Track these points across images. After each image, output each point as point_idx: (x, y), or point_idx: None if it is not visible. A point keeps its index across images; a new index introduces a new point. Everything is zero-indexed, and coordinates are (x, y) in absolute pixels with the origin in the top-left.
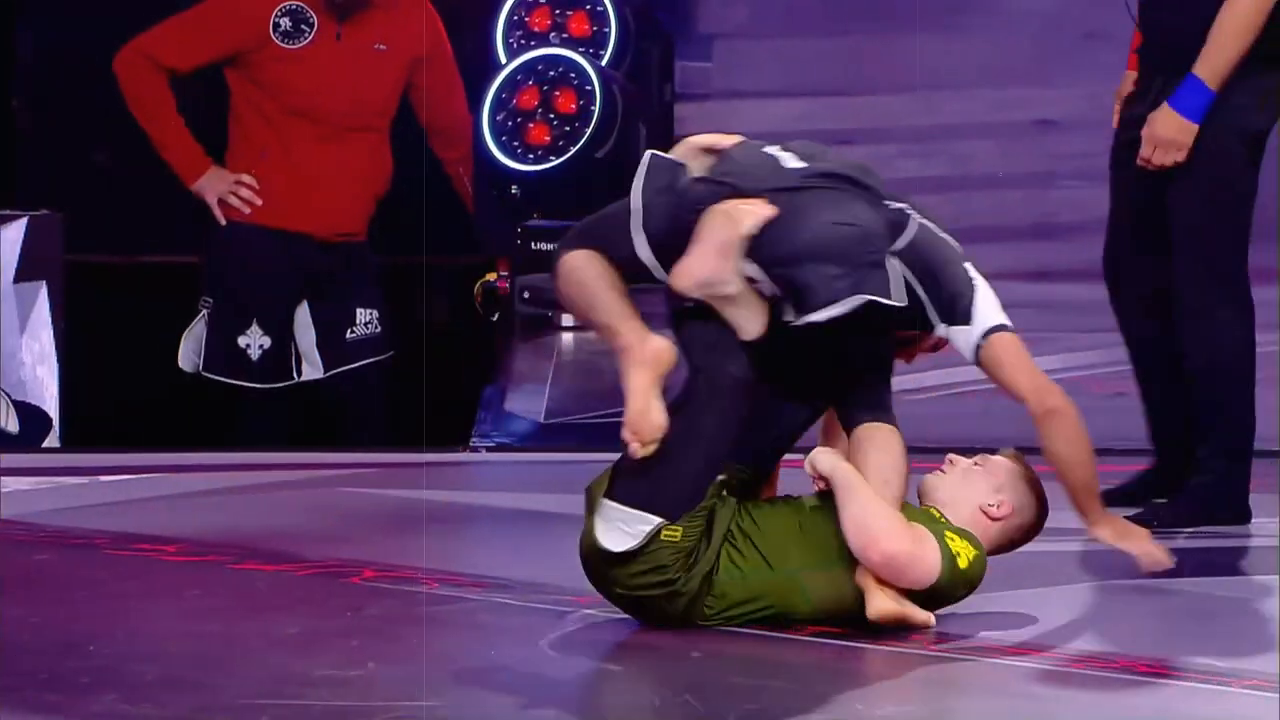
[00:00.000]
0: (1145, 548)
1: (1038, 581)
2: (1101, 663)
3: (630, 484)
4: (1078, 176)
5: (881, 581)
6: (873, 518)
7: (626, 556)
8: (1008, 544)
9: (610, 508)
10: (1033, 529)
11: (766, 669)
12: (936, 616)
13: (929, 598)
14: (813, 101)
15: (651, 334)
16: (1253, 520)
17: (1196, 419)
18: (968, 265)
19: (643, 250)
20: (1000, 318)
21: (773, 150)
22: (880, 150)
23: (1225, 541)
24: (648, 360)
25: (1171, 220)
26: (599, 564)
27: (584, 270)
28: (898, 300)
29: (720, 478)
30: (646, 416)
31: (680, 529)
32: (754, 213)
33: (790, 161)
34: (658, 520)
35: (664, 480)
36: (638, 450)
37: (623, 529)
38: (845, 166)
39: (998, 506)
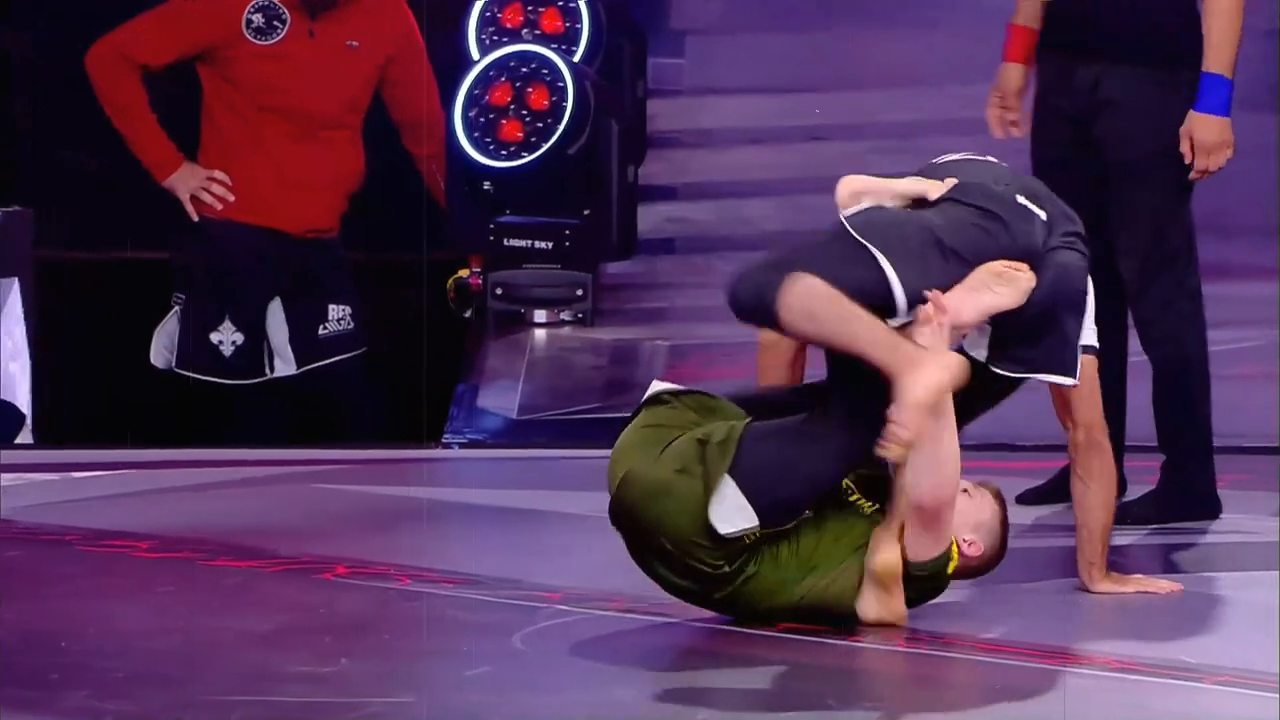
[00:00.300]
0: (1155, 585)
1: (1010, 577)
2: (1075, 658)
3: (759, 479)
4: None
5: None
6: (953, 463)
7: (714, 535)
8: (958, 576)
9: (731, 488)
10: (982, 571)
11: (739, 665)
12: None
13: (910, 585)
14: (786, 98)
15: (944, 351)
16: (1223, 514)
17: (1166, 416)
18: None
19: (900, 296)
20: (1092, 337)
21: (1022, 199)
22: (853, 147)
23: (1199, 538)
24: (952, 369)
25: (1128, 221)
26: (662, 508)
27: (830, 290)
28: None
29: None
30: (917, 422)
31: (756, 535)
32: (1029, 287)
33: (1035, 209)
34: (756, 524)
35: (786, 495)
36: (894, 449)
37: (730, 515)
38: (1075, 220)
39: (969, 545)
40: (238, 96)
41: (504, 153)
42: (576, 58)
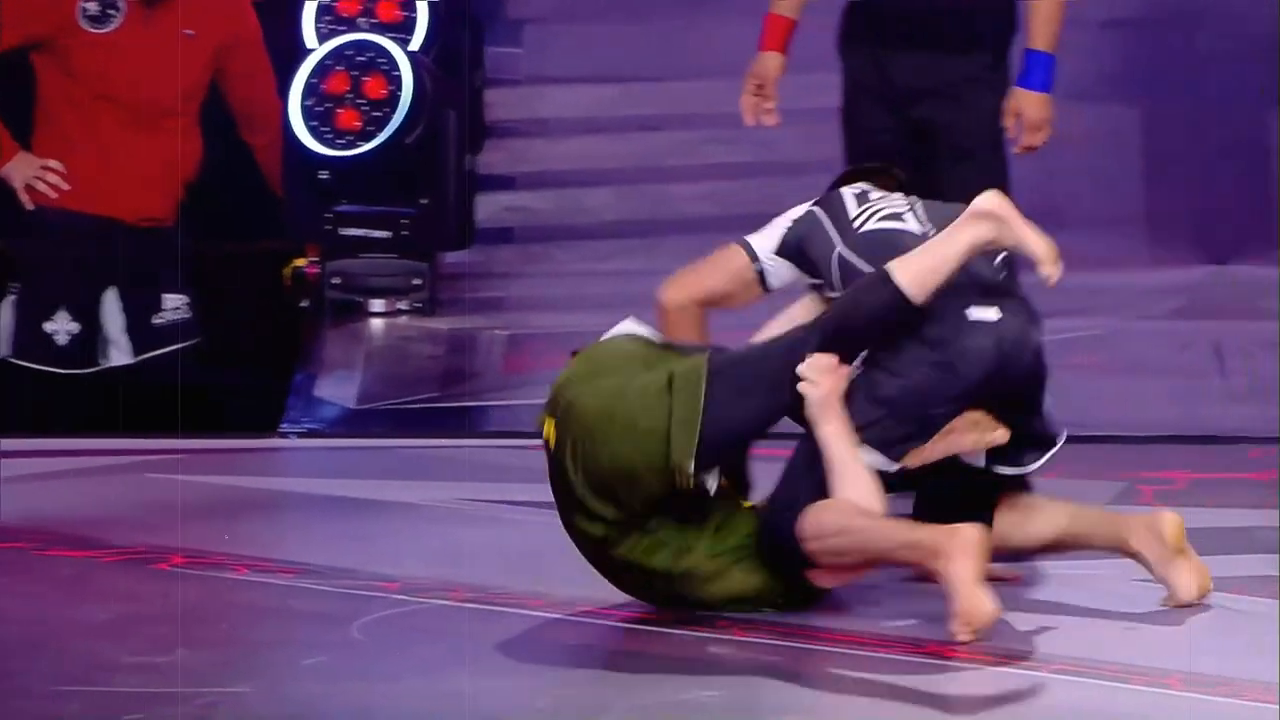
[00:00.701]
0: (993, 572)
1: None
2: (916, 648)
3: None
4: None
5: None
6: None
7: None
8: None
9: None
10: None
11: (578, 654)
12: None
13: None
14: (621, 87)
15: (954, 526)
16: None
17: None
18: None
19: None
20: None
21: (974, 312)
22: (687, 136)
23: None
24: (967, 551)
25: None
26: (612, 433)
27: (834, 519)
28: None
29: None
30: (977, 607)
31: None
32: (993, 441)
33: (984, 315)
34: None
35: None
36: (968, 639)
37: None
38: (1014, 287)
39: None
40: (73, 85)
41: (341, 142)
42: (414, 47)
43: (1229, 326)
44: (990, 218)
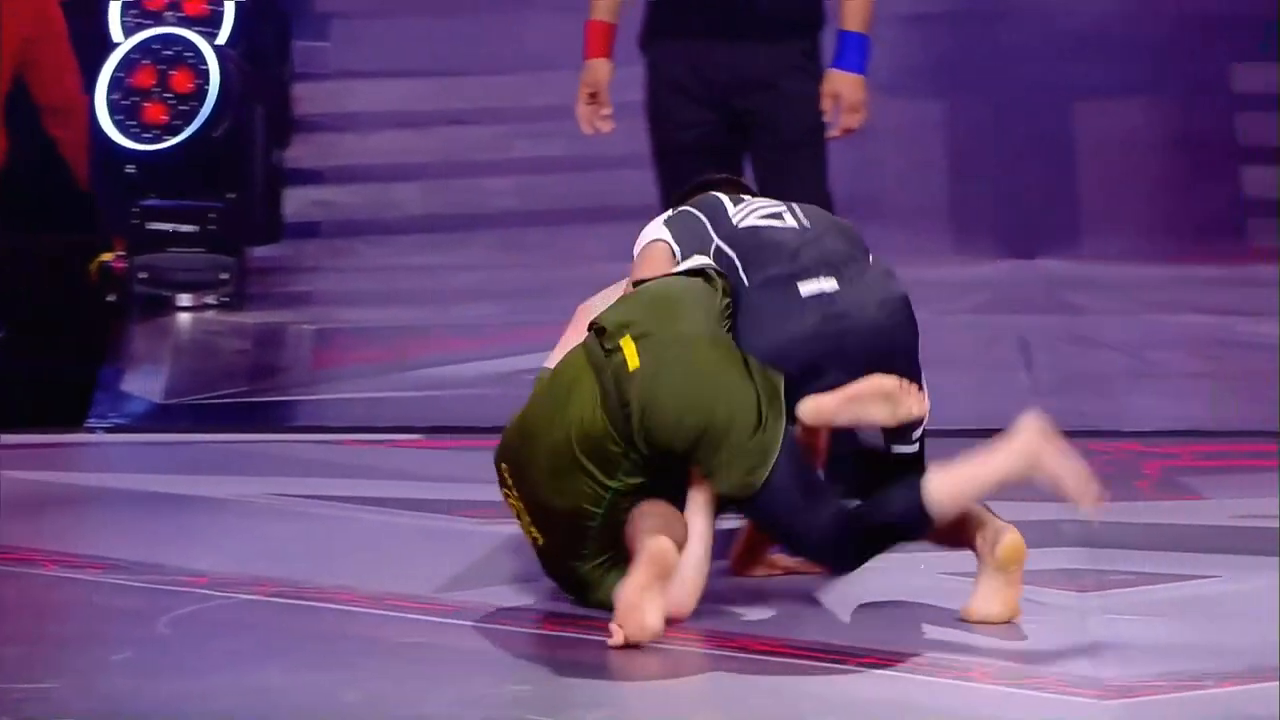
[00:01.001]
0: (805, 565)
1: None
2: (725, 642)
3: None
4: None
5: None
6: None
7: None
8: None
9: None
10: None
11: (387, 650)
12: None
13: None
14: (430, 81)
15: (662, 536)
16: None
17: None
18: None
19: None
20: None
21: (805, 286)
22: (496, 130)
23: None
24: (647, 558)
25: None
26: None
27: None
28: None
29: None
30: (633, 613)
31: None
32: (906, 416)
33: (824, 284)
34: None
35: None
36: (616, 641)
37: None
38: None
39: None
40: None
41: (147, 136)
42: (221, 41)
43: (1034, 321)
44: (1028, 452)
